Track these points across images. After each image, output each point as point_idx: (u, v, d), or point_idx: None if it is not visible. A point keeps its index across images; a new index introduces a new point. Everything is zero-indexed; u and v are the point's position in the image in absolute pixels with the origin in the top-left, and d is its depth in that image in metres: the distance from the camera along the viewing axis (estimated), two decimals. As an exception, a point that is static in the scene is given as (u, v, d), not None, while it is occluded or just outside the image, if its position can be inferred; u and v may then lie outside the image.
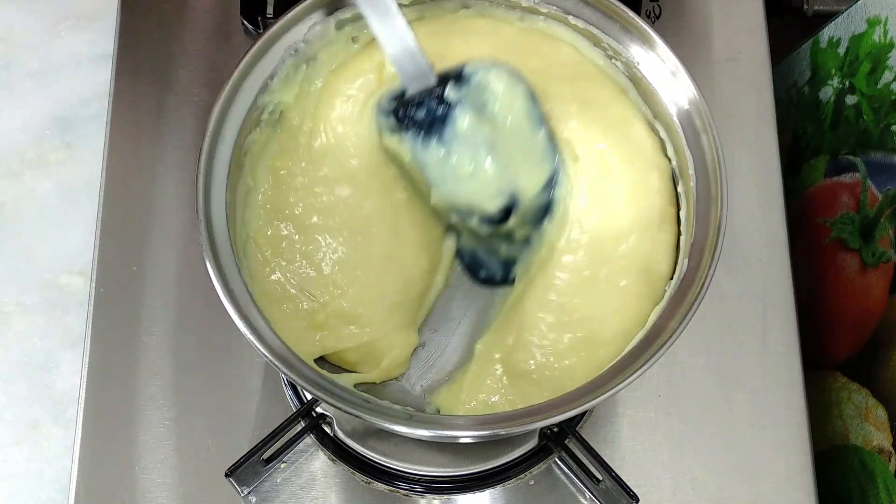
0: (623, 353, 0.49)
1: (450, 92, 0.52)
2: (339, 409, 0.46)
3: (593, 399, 0.46)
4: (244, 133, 0.54)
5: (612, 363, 0.49)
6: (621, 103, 0.57)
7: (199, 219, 0.49)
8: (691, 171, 0.52)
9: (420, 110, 0.53)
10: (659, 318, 0.49)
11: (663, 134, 0.56)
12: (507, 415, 0.47)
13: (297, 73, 0.56)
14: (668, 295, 0.50)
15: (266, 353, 0.47)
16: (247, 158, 0.55)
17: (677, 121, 0.54)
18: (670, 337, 0.47)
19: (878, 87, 0.68)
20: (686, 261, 0.51)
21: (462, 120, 0.52)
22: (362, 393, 0.49)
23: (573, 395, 0.47)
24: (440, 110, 0.53)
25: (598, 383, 0.47)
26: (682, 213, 0.54)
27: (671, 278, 0.54)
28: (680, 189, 0.55)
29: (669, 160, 0.55)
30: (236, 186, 0.54)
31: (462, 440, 0.58)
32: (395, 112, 0.54)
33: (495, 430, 0.47)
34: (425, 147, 0.53)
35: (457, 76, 0.53)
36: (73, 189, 0.81)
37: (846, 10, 0.73)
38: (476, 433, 0.48)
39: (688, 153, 0.53)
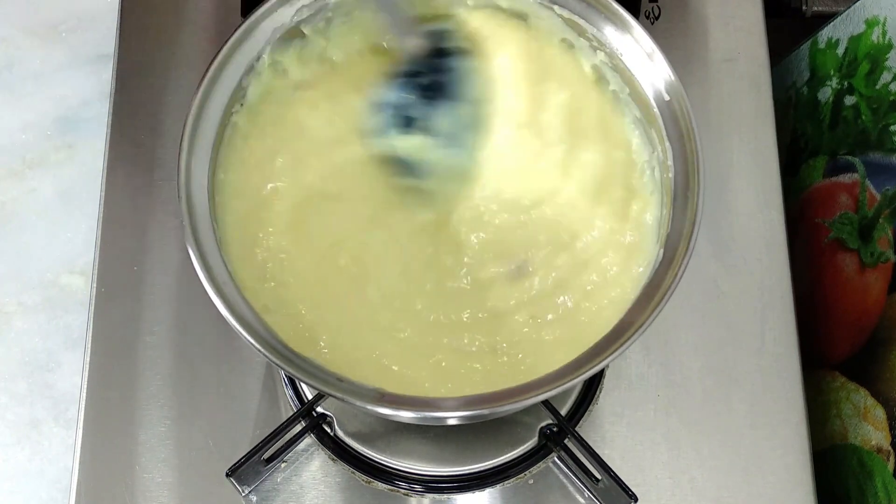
0: (598, 339, 0.49)
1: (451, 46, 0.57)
2: (313, 386, 0.46)
3: (569, 381, 0.46)
4: (228, 114, 0.54)
5: (588, 348, 0.49)
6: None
7: (179, 197, 0.49)
8: (670, 162, 0.52)
9: (434, 73, 0.57)
10: (632, 307, 0.49)
11: (645, 127, 0.56)
12: (485, 396, 0.47)
13: (282, 56, 0.56)
14: (642, 283, 0.50)
15: (238, 326, 0.47)
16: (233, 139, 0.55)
17: (657, 110, 0.53)
18: (641, 325, 0.47)
19: (877, 87, 0.69)
20: (661, 250, 0.50)
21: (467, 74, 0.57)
22: (335, 372, 0.48)
23: (549, 378, 0.47)
24: (452, 66, 0.57)
25: (574, 366, 0.47)
26: (661, 203, 0.55)
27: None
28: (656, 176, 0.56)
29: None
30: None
31: (449, 421, 0.58)
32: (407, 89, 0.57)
33: (478, 411, 0.47)
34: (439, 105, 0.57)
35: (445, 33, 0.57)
36: (74, 189, 0.81)
37: (845, 10, 0.73)
38: (457, 414, 0.47)
39: (667, 143, 0.53)
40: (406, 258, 0.57)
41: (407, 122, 0.57)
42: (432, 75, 0.57)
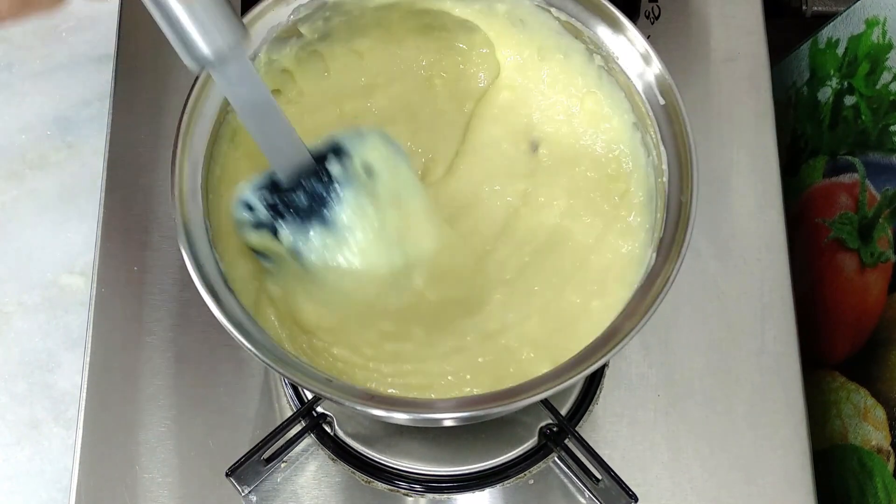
0: (590, 342, 0.49)
1: (333, 168, 0.50)
2: (302, 386, 0.46)
3: (560, 383, 0.46)
4: (223, 112, 0.53)
5: (579, 351, 0.48)
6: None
7: (173, 195, 0.49)
8: (665, 166, 0.52)
9: (299, 195, 0.49)
10: (624, 311, 0.49)
11: (640, 131, 0.56)
12: (480, 397, 0.47)
13: (278, 55, 0.56)
14: (635, 286, 0.50)
15: (227, 324, 0.47)
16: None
17: (652, 114, 0.53)
18: (630, 331, 0.47)
19: (877, 87, 0.68)
20: (654, 254, 0.50)
21: (351, 197, 0.50)
22: (325, 373, 0.48)
23: (543, 379, 0.47)
24: (325, 191, 0.49)
25: (567, 368, 0.47)
26: (655, 207, 0.54)
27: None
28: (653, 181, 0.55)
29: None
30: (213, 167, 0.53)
31: (445, 422, 0.58)
32: (267, 204, 0.50)
33: (473, 413, 0.47)
34: (307, 234, 0.50)
35: (334, 150, 0.50)
36: (74, 189, 0.81)
37: (845, 10, 0.73)
38: (451, 415, 0.47)
39: (662, 147, 0.53)
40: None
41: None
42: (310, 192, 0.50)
